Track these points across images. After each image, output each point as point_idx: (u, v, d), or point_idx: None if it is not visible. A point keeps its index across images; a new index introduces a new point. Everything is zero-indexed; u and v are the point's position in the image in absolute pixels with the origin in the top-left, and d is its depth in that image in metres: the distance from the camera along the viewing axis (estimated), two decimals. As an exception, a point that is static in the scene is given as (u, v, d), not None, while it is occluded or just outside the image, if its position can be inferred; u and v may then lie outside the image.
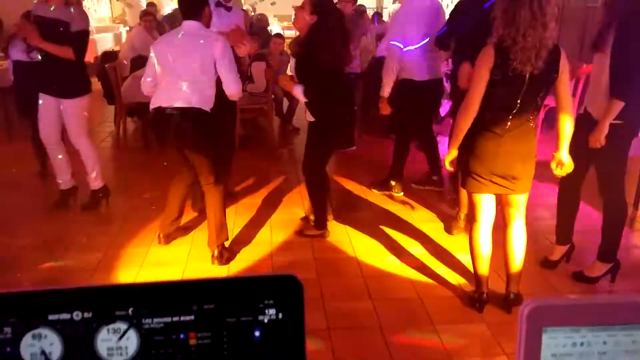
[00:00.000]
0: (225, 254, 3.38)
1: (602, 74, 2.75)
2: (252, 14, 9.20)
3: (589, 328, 0.49)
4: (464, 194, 3.56)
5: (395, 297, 3.02)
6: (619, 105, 2.70)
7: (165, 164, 4.85)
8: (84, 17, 3.81)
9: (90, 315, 0.48)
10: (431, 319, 2.79)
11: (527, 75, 2.43)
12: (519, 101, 2.48)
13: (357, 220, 3.97)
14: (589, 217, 3.35)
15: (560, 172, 2.68)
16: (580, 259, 3.23)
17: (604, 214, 3.04)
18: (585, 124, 2.84)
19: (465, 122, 2.57)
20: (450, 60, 6.34)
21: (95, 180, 4.09)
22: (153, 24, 6.67)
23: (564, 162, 2.64)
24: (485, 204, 2.70)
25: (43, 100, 3.88)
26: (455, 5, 3.52)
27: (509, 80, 2.46)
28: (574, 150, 3.03)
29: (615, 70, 2.70)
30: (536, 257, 3.27)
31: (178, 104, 3.14)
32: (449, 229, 3.70)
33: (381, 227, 3.87)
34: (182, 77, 3.14)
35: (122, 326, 0.49)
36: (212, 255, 3.35)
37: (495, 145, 2.55)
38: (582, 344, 0.50)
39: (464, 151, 2.70)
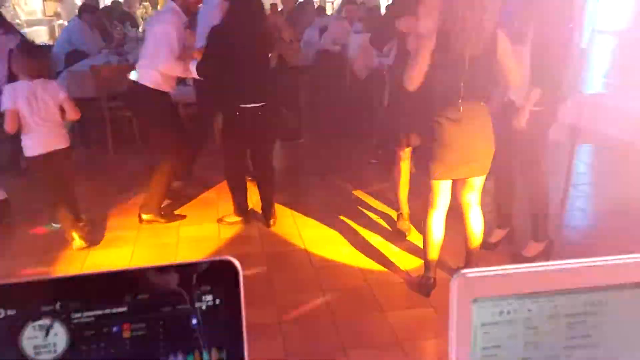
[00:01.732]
0: (146, 219, 3.75)
1: (523, 64, 2.87)
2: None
3: (515, 296, 0.52)
4: (402, 192, 3.61)
5: (346, 286, 3.06)
6: (537, 93, 2.86)
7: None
8: None
9: (14, 312, 0.46)
10: (381, 306, 2.85)
11: (467, 58, 2.51)
12: (462, 84, 2.55)
13: (306, 212, 3.98)
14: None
15: None
16: (523, 240, 3.36)
17: (528, 196, 3.19)
18: (509, 111, 2.98)
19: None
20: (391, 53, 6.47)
21: None
22: (93, 17, 6.39)
23: None
24: (443, 190, 2.78)
25: None
26: (387, 7, 3.57)
27: (450, 63, 2.53)
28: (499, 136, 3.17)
29: (535, 60, 2.84)
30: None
31: (134, 77, 3.61)
32: (398, 231, 3.67)
33: (331, 217, 3.89)
34: (142, 53, 3.61)
35: (49, 322, 0.47)
36: (139, 215, 3.75)
37: (455, 131, 2.62)
38: (508, 312, 0.52)
39: (427, 140, 2.75)
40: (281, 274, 3.17)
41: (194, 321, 0.50)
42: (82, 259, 3.31)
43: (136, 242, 3.53)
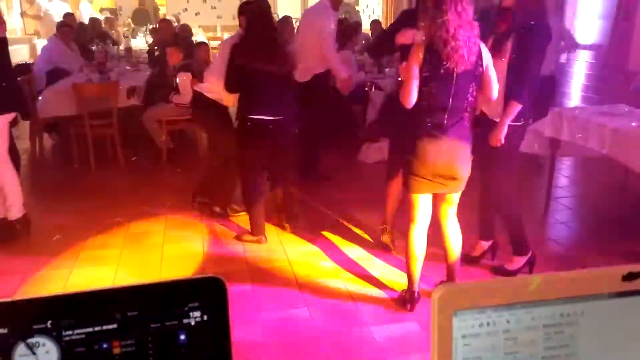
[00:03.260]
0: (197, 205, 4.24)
1: (499, 78, 2.93)
2: (176, 24, 9.04)
3: (493, 309, 0.54)
4: (392, 207, 3.61)
5: (330, 302, 3.06)
6: (516, 107, 2.91)
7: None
8: None
9: (6, 331, 0.47)
10: (366, 321, 2.85)
11: (455, 72, 2.54)
12: (450, 99, 2.59)
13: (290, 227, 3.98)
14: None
15: None
16: (506, 255, 3.39)
17: (500, 210, 3.23)
18: (482, 123, 3.03)
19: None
20: (375, 69, 6.56)
21: (10, 210, 3.72)
22: (70, 35, 6.39)
23: None
24: (424, 204, 2.79)
25: None
26: (398, 17, 3.61)
27: (439, 76, 2.55)
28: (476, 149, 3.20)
29: (514, 75, 2.89)
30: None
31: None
32: (381, 245, 3.66)
33: (314, 233, 3.90)
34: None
35: (40, 340, 0.47)
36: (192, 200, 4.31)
37: (436, 146, 2.64)
38: (488, 324, 0.54)
39: (406, 153, 2.75)
40: (265, 290, 3.16)
41: (182, 337, 0.51)
42: (64, 278, 3.26)
43: (119, 261, 3.49)
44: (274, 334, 2.75)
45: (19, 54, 10.08)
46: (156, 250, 3.65)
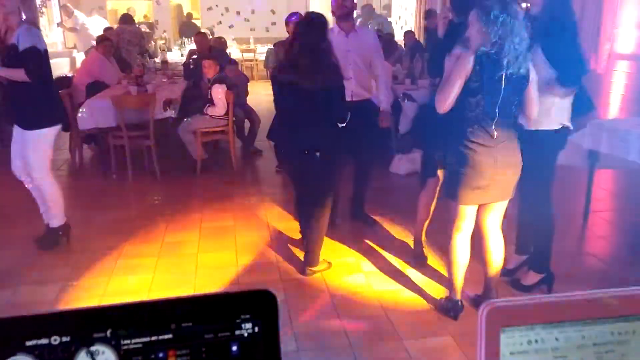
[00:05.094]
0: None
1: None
2: (210, 37, 9.23)
3: (542, 326, 0.53)
4: (422, 217, 3.56)
5: (363, 314, 3.04)
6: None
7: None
8: (32, 35, 3.46)
9: (68, 339, 0.49)
10: (399, 334, 2.83)
11: (503, 82, 2.51)
12: (497, 109, 2.56)
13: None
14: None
15: None
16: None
17: (534, 224, 3.15)
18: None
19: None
20: (408, 81, 6.55)
21: (53, 218, 3.85)
22: (110, 49, 6.59)
23: None
24: (470, 214, 2.78)
25: (14, 129, 3.71)
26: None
27: (489, 86, 2.53)
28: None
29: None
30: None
31: None
32: (415, 257, 3.63)
33: (346, 244, 3.90)
34: None
35: (100, 348, 0.49)
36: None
37: (488, 157, 2.62)
38: (536, 341, 0.54)
39: (457, 166, 2.70)
40: (298, 302, 3.16)
41: (234, 348, 0.53)
42: (104, 286, 3.34)
43: (155, 269, 3.56)
44: (306, 345, 2.75)
45: (59, 67, 10.45)
46: (191, 260, 3.70)
